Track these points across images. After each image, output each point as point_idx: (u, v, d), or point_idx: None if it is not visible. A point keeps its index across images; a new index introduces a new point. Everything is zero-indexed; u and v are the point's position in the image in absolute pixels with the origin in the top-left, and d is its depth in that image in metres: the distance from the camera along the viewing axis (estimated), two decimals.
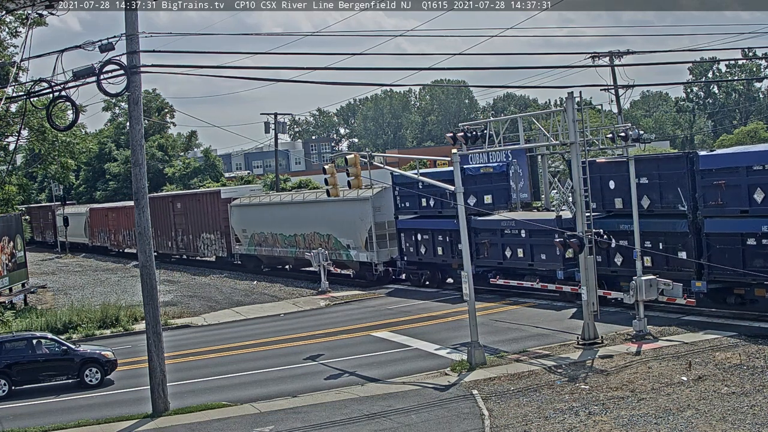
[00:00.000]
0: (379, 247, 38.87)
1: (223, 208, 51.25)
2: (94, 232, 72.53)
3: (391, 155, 77.42)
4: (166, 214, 58.19)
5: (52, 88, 19.96)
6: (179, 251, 58.28)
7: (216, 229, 52.31)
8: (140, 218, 20.93)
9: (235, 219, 50.40)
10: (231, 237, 50.80)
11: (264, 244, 47.68)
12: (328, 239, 41.97)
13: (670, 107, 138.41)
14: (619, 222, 27.29)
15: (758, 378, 18.73)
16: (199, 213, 54.21)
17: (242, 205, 50.19)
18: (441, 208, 34.25)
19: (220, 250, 52.20)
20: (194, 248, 55.32)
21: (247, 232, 49.13)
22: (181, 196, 59.13)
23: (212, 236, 52.77)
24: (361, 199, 39.82)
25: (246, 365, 25.24)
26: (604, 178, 28.32)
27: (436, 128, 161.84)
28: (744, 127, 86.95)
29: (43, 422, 20.41)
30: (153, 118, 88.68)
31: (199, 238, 54.37)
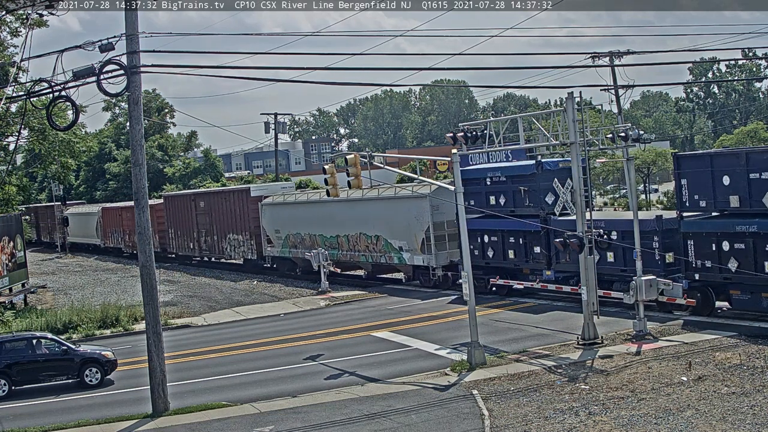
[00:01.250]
0: (438, 249, 35.37)
1: (253, 207, 47.90)
2: (106, 232, 69.84)
3: (391, 155, 77.43)
4: (188, 214, 55.55)
5: (52, 88, 19.96)
6: (202, 253, 55.19)
7: (244, 230, 48.98)
8: (140, 218, 20.90)
9: (267, 219, 47.14)
10: (262, 238, 47.52)
11: (300, 246, 44.31)
12: (377, 241, 38.80)
13: (670, 107, 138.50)
14: (736, 223, 24.19)
15: (758, 378, 18.72)
16: (226, 212, 50.96)
17: (275, 204, 46.82)
18: (514, 206, 31.30)
19: (249, 252, 48.96)
20: (219, 250, 52.25)
21: (280, 233, 45.96)
22: (204, 195, 55.68)
23: (240, 237, 49.47)
24: (417, 197, 36.19)
25: (246, 365, 25.24)
26: (716, 173, 24.96)
27: (436, 128, 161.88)
28: (744, 127, 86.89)
29: (43, 422, 20.41)
30: (153, 118, 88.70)
31: (224, 239, 51.15)
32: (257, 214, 47.73)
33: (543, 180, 29.87)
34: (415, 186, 35.33)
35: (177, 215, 57.03)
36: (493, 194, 32.37)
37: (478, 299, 36.48)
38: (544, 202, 30.04)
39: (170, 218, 57.95)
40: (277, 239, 46.27)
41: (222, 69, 23.89)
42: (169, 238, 58.50)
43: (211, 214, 52.52)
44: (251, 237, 48.28)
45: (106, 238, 70.08)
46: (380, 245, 38.54)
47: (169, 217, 58.04)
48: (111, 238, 68.82)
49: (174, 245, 58.07)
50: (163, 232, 58.68)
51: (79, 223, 74.96)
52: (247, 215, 48.38)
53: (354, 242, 40.30)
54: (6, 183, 41.45)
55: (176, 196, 59.25)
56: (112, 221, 68.20)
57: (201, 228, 53.91)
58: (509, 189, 31.05)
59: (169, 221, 58.20)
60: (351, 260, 40.97)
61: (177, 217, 57.03)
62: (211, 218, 52.48)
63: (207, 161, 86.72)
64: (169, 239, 58.42)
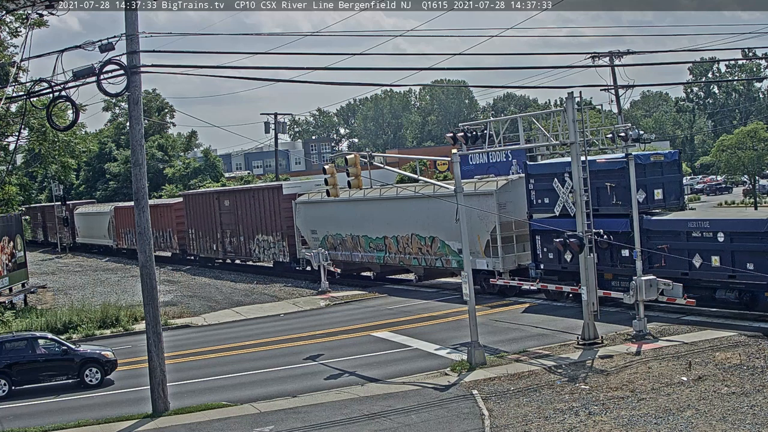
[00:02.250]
0: (505, 252, 32.04)
1: (286, 206, 44.70)
2: (120, 233, 66.30)
3: (391, 155, 77.38)
4: (211, 213, 52.18)
5: (52, 88, 19.98)
6: (226, 255, 51.91)
7: (276, 230, 45.63)
8: (140, 218, 20.89)
9: (303, 218, 43.91)
10: (296, 239, 44.33)
11: (341, 248, 41.25)
12: (432, 243, 35.45)
13: (670, 107, 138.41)
14: None
15: (758, 378, 18.72)
16: (254, 211, 47.53)
17: (312, 203, 43.33)
18: (597, 204, 27.82)
19: (281, 254, 45.63)
20: (246, 252, 48.91)
21: (317, 233, 42.70)
22: (230, 193, 52.16)
23: (270, 238, 46.15)
24: (481, 194, 32.71)
25: (246, 365, 25.25)
26: None
27: (436, 128, 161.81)
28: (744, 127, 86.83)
29: (43, 422, 20.41)
30: (153, 118, 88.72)
31: (252, 241, 47.72)
32: (290, 214, 44.68)
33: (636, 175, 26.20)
34: (478, 183, 32.76)
35: (199, 215, 53.91)
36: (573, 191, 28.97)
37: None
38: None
39: (191, 218, 54.99)
40: (314, 240, 43.06)
41: (222, 69, 23.87)
42: (189, 239, 55.64)
43: (237, 213, 49.39)
44: (283, 238, 45.17)
45: (120, 239, 66.92)
46: (436, 247, 35.25)
47: (190, 217, 55.11)
48: (125, 238, 65.62)
49: (195, 247, 55.12)
50: (182, 232, 56.28)
51: (90, 223, 72.02)
52: (279, 214, 45.40)
53: (404, 244, 36.99)
54: (6, 183, 41.44)
55: (198, 195, 55.87)
56: (127, 221, 64.25)
57: (225, 228, 50.81)
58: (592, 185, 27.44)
59: (189, 221, 55.25)
60: (400, 263, 38.11)
61: (199, 216, 53.90)
62: (237, 218, 49.37)
63: (207, 161, 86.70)
64: (190, 240, 55.53)
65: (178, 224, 56.08)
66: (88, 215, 73.01)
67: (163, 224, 58.05)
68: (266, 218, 46.46)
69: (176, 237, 56.47)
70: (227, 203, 50.54)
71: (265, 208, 46.54)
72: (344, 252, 40.96)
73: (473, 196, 32.22)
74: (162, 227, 58.31)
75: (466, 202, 31.50)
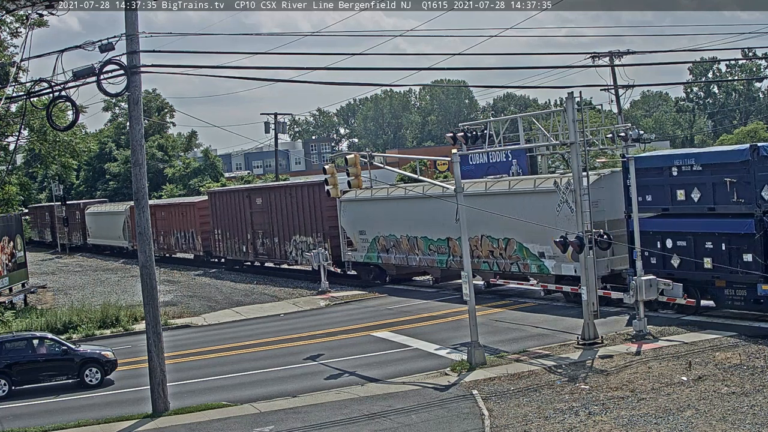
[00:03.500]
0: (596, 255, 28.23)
1: (329, 204, 40.82)
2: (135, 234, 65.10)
3: (391, 155, 77.43)
4: (240, 212, 48.78)
5: (52, 88, 20.00)
6: (258, 257, 48.25)
7: (316, 231, 42.42)
8: (140, 218, 20.94)
9: (348, 217, 40.54)
10: (340, 240, 41.06)
11: (394, 251, 37.90)
12: (506, 245, 31.89)
13: (670, 107, 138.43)
14: None
15: (758, 378, 18.72)
16: (292, 210, 44.07)
17: (361, 200, 39.85)
18: (714, 202, 25.07)
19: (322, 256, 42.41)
20: (281, 254, 45.41)
21: (366, 234, 39.38)
22: (263, 190, 48.35)
23: (310, 239, 42.84)
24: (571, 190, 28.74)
25: (246, 365, 25.25)
26: None
27: (436, 128, 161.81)
28: (744, 127, 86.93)
29: (43, 422, 20.42)
30: (153, 118, 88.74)
31: (289, 242, 44.30)
32: (334, 212, 41.14)
33: (760, 169, 23.76)
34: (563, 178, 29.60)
35: (226, 214, 50.39)
36: (682, 187, 26.00)
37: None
38: (760, 198, 23.91)
39: (217, 217, 51.41)
40: (362, 242, 39.77)
41: (221, 69, 23.95)
42: (214, 240, 51.94)
43: (271, 212, 45.87)
44: (325, 239, 41.82)
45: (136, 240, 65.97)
46: (511, 250, 31.64)
47: (216, 217, 51.47)
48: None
49: (221, 248, 51.46)
50: (207, 233, 52.89)
51: (102, 223, 68.67)
52: (320, 213, 41.97)
53: (473, 246, 32.28)
54: (6, 183, 41.46)
55: (225, 192, 52.10)
56: None
57: (257, 229, 47.21)
58: (707, 181, 25.15)
59: (215, 221, 51.59)
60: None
61: (226, 216, 50.36)
62: (271, 217, 45.90)
63: (207, 161, 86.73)
64: (215, 241, 51.85)
65: (202, 224, 53.02)
66: (100, 215, 69.98)
67: (184, 224, 55.17)
68: (305, 218, 43.23)
69: (200, 238, 53.50)
70: (259, 201, 47.12)
71: (304, 207, 43.13)
72: (398, 255, 37.67)
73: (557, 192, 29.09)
74: (183, 227, 55.49)
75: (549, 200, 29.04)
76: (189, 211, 55.17)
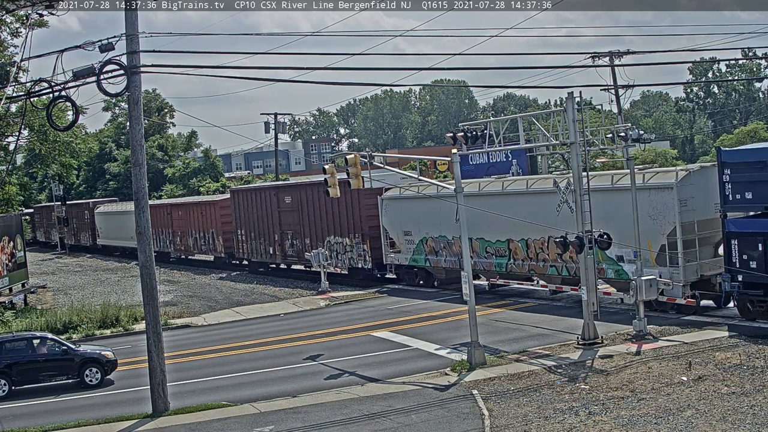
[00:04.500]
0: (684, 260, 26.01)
1: (369, 203, 38.42)
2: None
3: (391, 155, 77.43)
4: (267, 212, 46.25)
5: (52, 88, 20.00)
6: (286, 259, 45.43)
7: (353, 231, 39.75)
8: (140, 218, 20.92)
9: (392, 217, 37.79)
10: (382, 242, 38.23)
11: (445, 253, 35.14)
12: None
13: (670, 107, 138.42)
14: None
15: (758, 378, 18.72)
16: (326, 209, 41.29)
17: (405, 198, 36.92)
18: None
19: (360, 259, 39.72)
20: None
21: (412, 235, 36.63)
22: (293, 188, 45.54)
23: (346, 240, 40.21)
24: (654, 188, 26.73)
25: (246, 365, 25.25)
26: None
27: (436, 128, 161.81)
28: (744, 127, 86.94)
29: (43, 422, 20.42)
30: (153, 118, 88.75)
31: (322, 244, 41.74)
32: (375, 211, 38.29)
33: None
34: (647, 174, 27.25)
35: (251, 213, 47.68)
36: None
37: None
38: None
39: (240, 217, 48.80)
40: (407, 243, 37.12)
41: (221, 69, 23.95)
42: (238, 242, 49.36)
43: (302, 211, 43.21)
44: (363, 240, 39.14)
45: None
46: None
47: (239, 216, 48.90)
48: (156, 241, 58.60)
49: (245, 250, 48.84)
50: (229, 233, 50.29)
51: (114, 223, 66.08)
52: (358, 212, 39.27)
53: (537, 249, 30.42)
54: (6, 183, 41.47)
55: (251, 191, 49.35)
56: (158, 221, 58.21)
57: (286, 229, 44.66)
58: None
59: (238, 221, 48.96)
60: (530, 272, 31.73)
61: (251, 215, 47.71)
62: (302, 217, 43.27)
63: (207, 161, 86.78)
64: (238, 242, 49.26)
65: (223, 224, 50.67)
66: (112, 215, 67.26)
67: (204, 224, 52.77)
68: (342, 217, 40.43)
69: (221, 239, 51.03)
70: (288, 200, 44.36)
71: (340, 205, 39.77)
72: (450, 258, 34.60)
73: (644, 190, 26.59)
74: (203, 228, 53.02)
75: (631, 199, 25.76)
76: (210, 210, 52.83)
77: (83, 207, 73.52)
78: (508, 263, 32.13)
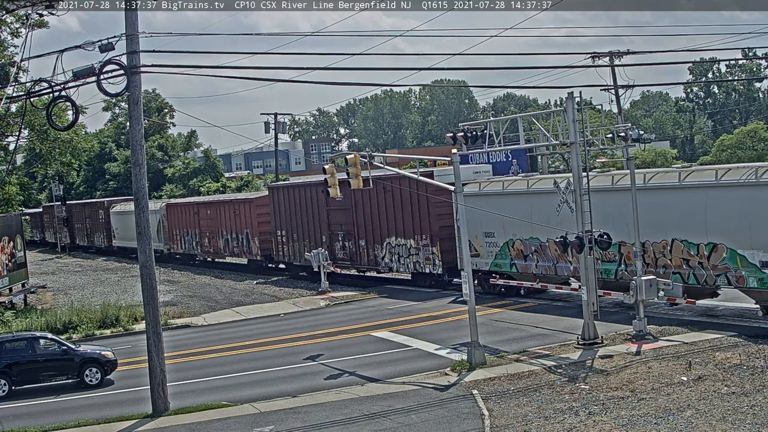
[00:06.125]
0: None
1: (440, 199, 33.04)
2: (173, 235, 57.10)
3: (391, 155, 77.43)
4: (311, 210, 42.67)
5: (52, 88, 20.01)
6: (336, 263, 40.99)
7: (420, 232, 35.74)
8: (140, 218, 20.90)
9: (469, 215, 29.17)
10: (457, 244, 32.06)
11: (536, 257, 30.67)
12: (710, 252, 24.84)
13: (670, 107, 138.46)
14: None
15: (758, 378, 18.72)
16: (384, 207, 37.40)
17: (487, 194, 32.54)
18: None
19: (427, 263, 35.65)
20: (370, 260, 39.34)
21: (495, 236, 32.44)
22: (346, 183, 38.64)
23: (411, 242, 36.28)
24: None
25: (246, 365, 25.25)
26: None
27: (436, 128, 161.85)
28: (744, 127, 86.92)
29: (43, 422, 20.42)
30: (153, 118, 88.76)
31: (381, 246, 38.25)
32: (448, 209, 33.22)
33: None
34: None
35: (293, 212, 44.05)
36: None
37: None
38: None
39: (280, 216, 45.19)
40: (488, 246, 32.95)
41: (221, 69, 23.98)
42: (277, 243, 45.45)
43: (356, 210, 39.43)
44: (432, 242, 35.25)
45: (173, 242, 57.29)
46: (717, 258, 24.67)
47: (279, 215, 45.32)
48: (180, 242, 55.98)
49: (286, 252, 45.00)
50: (266, 234, 46.70)
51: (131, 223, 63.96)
52: (427, 211, 35.13)
53: (657, 253, 26.49)
54: (6, 183, 41.46)
55: (293, 187, 45.58)
56: (183, 221, 55.22)
57: (336, 230, 41.03)
58: None
59: (278, 220, 45.37)
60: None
61: (292, 214, 44.09)
62: (356, 216, 39.57)
63: (207, 161, 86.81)
64: (278, 244, 45.38)
65: (260, 224, 46.98)
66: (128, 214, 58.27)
67: (237, 224, 49.12)
68: (405, 216, 36.44)
69: (257, 240, 47.25)
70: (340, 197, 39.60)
71: (403, 203, 36.16)
72: (542, 263, 30.28)
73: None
74: (236, 228, 49.38)
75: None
76: (244, 209, 48.79)
77: (97, 206, 70.15)
78: (619, 269, 27.55)
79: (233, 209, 49.62)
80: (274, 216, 45.95)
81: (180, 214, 56.26)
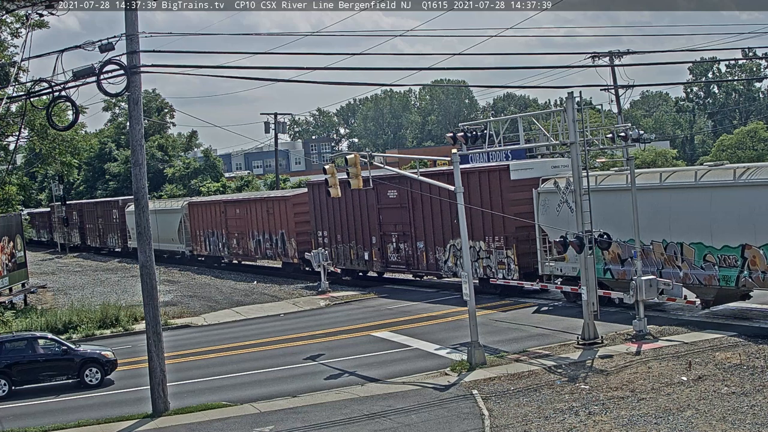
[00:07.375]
0: None
1: (518, 197, 31.05)
2: (196, 236, 53.50)
3: (391, 155, 77.45)
4: (358, 209, 39.23)
5: (52, 88, 20.02)
6: (388, 267, 38.13)
7: (492, 233, 32.21)
8: (140, 218, 20.92)
9: (551, 215, 29.39)
10: (537, 247, 30.16)
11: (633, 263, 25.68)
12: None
13: (670, 107, 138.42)
14: None
15: (758, 378, 18.72)
16: (446, 205, 32.42)
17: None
18: None
19: (501, 268, 32.05)
20: (430, 263, 35.57)
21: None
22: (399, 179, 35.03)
23: (480, 245, 32.62)
24: None
25: (246, 365, 25.25)
26: None
27: (436, 128, 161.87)
28: (744, 127, 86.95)
29: (43, 422, 20.42)
30: (153, 118, 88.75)
31: (442, 248, 34.67)
32: (527, 208, 30.44)
33: None
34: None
35: (336, 212, 40.54)
36: None
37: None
38: None
39: (321, 216, 41.70)
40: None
41: (221, 69, 23.98)
42: (317, 245, 41.58)
43: (413, 208, 35.91)
44: (508, 244, 31.60)
45: (197, 244, 53.60)
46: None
47: (320, 215, 41.81)
48: (204, 244, 52.50)
49: (334, 253, 41.31)
50: (304, 234, 43.12)
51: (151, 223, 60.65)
52: (501, 209, 31.27)
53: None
54: (6, 183, 41.45)
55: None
56: (207, 221, 51.84)
57: (388, 231, 37.41)
58: None
59: (318, 220, 41.93)
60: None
61: (336, 213, 40.62)
62: (413, 215, 35.96)
63: (207, 161, 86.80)
64: (319, 246, 41.43)
65: (297, 224, 43.45)
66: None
67: (271, 224, 45.51)
68: (474, 216, 31.60)
69: (294, 242, 43.73)
70: (393, 194, 36.86)
71: (472, 201, 31.27)
72: (644, 268, 25.71)
73: None
74: (270, 228, 45.73)
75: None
76: (280, 207, 45.26)
77: (111, 206, 66.32)
78: (741, 275, 24.12)
79: (267, 208, 46.11)
80: (314, 216, 42.47)
81: (204, 213, 52.65)
